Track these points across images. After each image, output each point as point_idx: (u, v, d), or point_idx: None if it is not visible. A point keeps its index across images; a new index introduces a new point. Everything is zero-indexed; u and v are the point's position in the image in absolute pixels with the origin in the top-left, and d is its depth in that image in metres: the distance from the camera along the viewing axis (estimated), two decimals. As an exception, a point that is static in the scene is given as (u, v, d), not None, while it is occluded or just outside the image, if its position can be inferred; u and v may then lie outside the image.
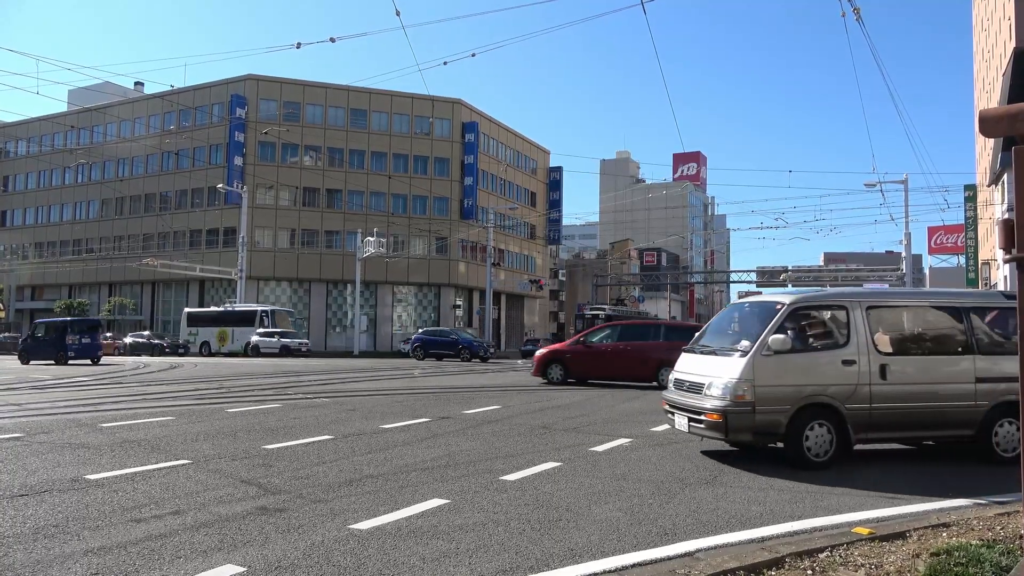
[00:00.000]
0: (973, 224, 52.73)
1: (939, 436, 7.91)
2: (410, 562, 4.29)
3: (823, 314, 7.90)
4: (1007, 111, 2.87)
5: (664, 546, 4.63)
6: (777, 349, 7.20)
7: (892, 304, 8.19)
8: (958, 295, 8.56)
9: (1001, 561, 4.02)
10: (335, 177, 54.43)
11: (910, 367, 7.69)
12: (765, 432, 7.26)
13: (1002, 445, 7.78)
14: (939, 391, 7.66)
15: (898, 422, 7.55)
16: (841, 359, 7.43)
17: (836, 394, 7.34)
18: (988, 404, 7.69)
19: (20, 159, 66.14)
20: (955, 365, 7.80)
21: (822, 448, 7.28)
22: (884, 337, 7.74)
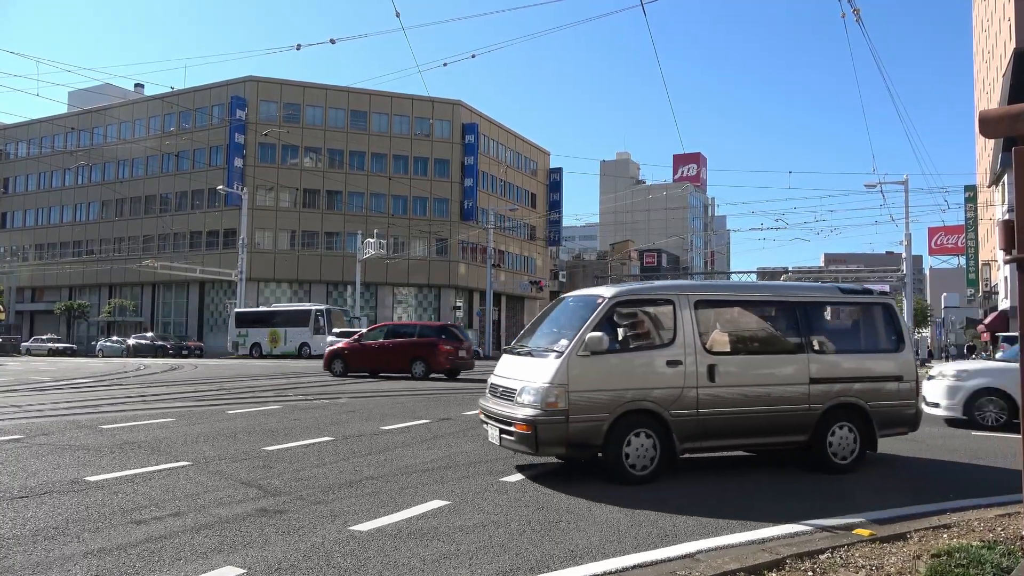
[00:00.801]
0: (973, 225, 52.76)
1: (772, 443, 7.27)
2: (410, 564, 4.28)
3: (648, 309, 7.16)
4: (1007, 112, 2.87)
5: (665, 547, 4.63)
6: (594, 349, 6.43)
7: (722, 299, 7.55)
8: (792, 289, 7.81)
9: (1002, 562, 4.01)
10: (335, 178, 54.44)
11: (741, 368, 7.05)
12: (581, 444, 6.43)
13: (837, 452, 7.22)
14: (771, 394, 7.05)
15: (728, 428, 6.90)
16: (666, 360, 6.71)
17: (660, 399, 6.61)
18: (822, 407, 7.16)
19: (20, 161, 66.14)
20: (788, 365, 7.22)
21: (644, 460, 6.51)
22: (713, 335, 7.15)
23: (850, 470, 7.18)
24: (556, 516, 5.41)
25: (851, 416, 7.28)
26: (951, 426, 11.42)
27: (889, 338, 7.81)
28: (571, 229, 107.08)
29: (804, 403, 7.12)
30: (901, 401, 7.58)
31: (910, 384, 7.66)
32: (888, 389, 7.52)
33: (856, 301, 7.88)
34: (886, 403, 7.46)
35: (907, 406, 7.65)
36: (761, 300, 7.67)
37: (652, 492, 6.29)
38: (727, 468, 7.55)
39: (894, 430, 7.64)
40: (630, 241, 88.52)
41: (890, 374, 7.58)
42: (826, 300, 7.79)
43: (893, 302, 8.07)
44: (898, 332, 7.81)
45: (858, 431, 7.29)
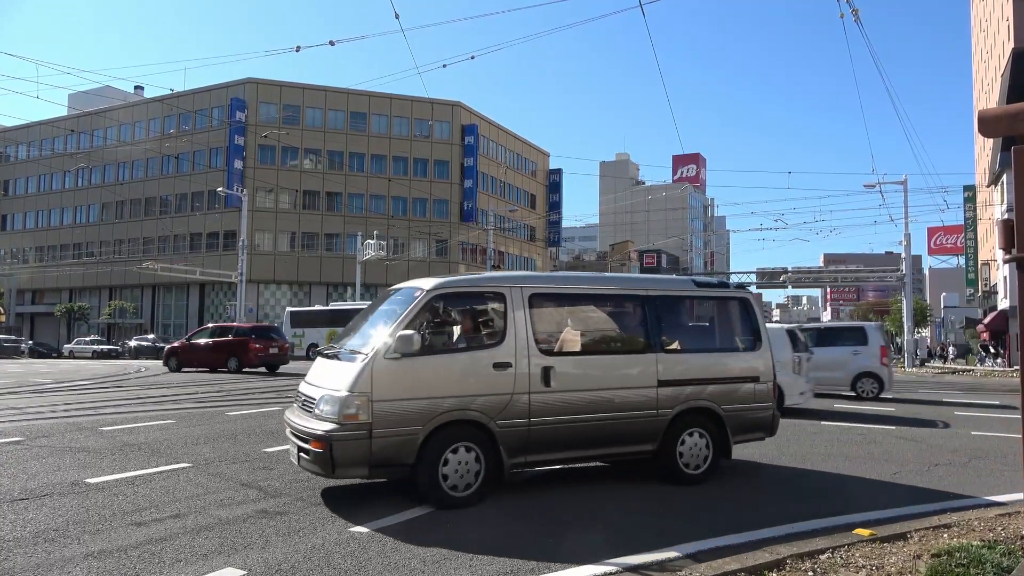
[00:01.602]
0: (972, 225, 52.78)
1: (615, 454, 6.54)
2: (411, 564, 4.28)
3: (474, 304, 6.36)
4: (1006, 111, 2.88)
5: (665, 548, 4.63)
6: (405, 350, 5.51)
7: (562, 292, 6.78)
8: (640, 282, 7.11)
9: (1002, 562, 4.01)
10: (335, 180, 54.45)
11: (581, 370, 6.30)
12: (387, 463, 5.45)
13: (688, 461, 6.62)
14: (615, 398, 6.33)
15: (565, 439, 6.11)
16: (493, 362, 5.86)
17: (485, 407, 5.75)
18: (672, 412, 6.54)
19: (20, 163, 66.14)
20: (634, 366, 6.52)
21: (466, 478, 5.66)
22: (550, 333, 6.45)
23: (701, 481, 6.59)
24: (558, 516, 5.40)
25: (703, 421, 6.72)
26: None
27: (746, 335, 7.28)
28: (571, 230, 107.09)
29: (652, 408, 6.46)
30: (758, 404, 7.04)
31: (767, 385, 7.13)
32: (744, 391, 6.97)
33: (711, 295, 7.32)
34: (742, 406, 6.92)
35: (764, 409, 7.10)
36: (605, 294, 6.96)
37: (654, 494, 6.27)
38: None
39: (750, 435, 7.12)
40: (630, 242, 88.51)
41: (746, 375, 7.03)
42: (678, 294, 7.17)
43: (751, 296, 7.49)
44: (755, 329, 7.26)
45: (711, 438, 6.73)
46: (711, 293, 7.30)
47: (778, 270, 55.06)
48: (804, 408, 13.02)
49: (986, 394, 18.43)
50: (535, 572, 4.17)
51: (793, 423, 11.31)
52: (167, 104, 52.96)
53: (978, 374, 31.44)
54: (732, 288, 7.50)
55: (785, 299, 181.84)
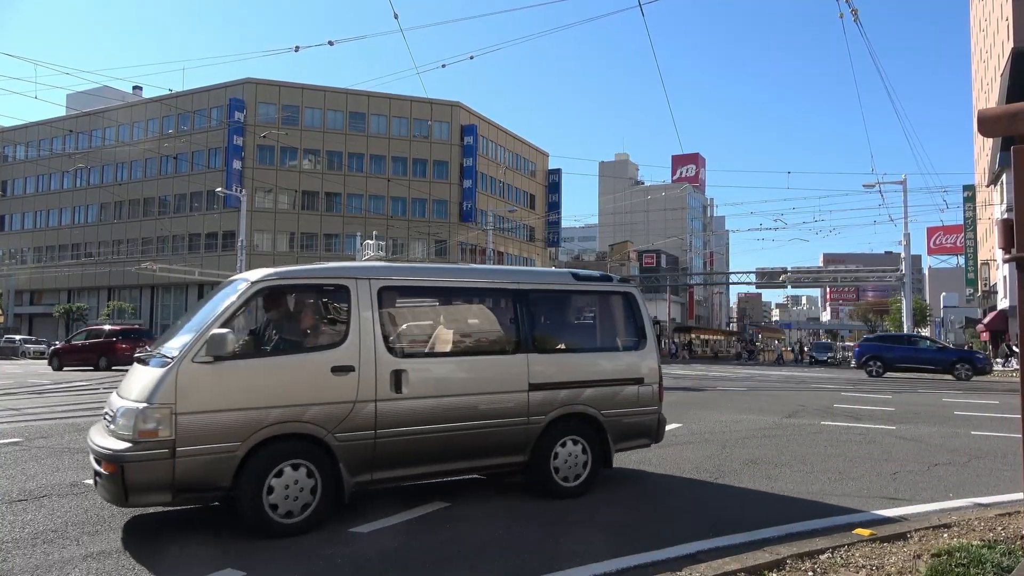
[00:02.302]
0: (972, 224, 52.81)
1: (481, 467, 5.86)
2: (411, 565, 4.28)
3: (311, 298, 5.59)
4: (1006, 111, 2.87)
5: (666, 548, 4.62)
6: (219, 353, 4.69)
7: (418, 285, 6.01)
8: (511, 274, 6.36)
9: (1002, 562, 4.01)
10: (334, 180, 54.44)
11: (439, 373, 5.59)
12: (197, 486, 4.62)
13: (563, 472, 5.99)
14: (480, 405, 5.63)
15: (421, 452, 5.39)
16: (332, 365, 5.10)
17: (321, 418, 4.98)
18: (545, 419, 5.90)
19: (19, 163, 66.11)
20: (503, 368, 5.84)
21: (298, 502, 4.85)
22: (403, 331, 5.81)
23: (579, 494, 6.00)
24: (559, 517, 5.40)
25: (581, 428, 6.13)
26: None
27: (630, 334, 6.75)
28: (570, 230, 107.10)
29: (522, 415, 5.81)
30: (641, 408, 6.51)
31: (652, 388, 6.61)
32: (626, 394, 6.42)
33: (592, 290, 6.69)
34: (624, 411, 6.38)
35: (648, 414, 6.58)
36: (470, 287, 6.25)
37: (655, 493, 6.26)
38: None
39: (633, 443, 6.59)
40: (629, 242, 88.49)
41: (629, 376, 6.48)
42: (554, 288, 6.52)
43: (636, 291, 6.92)
44: (640, 326, 6.73)
45: (590, 446, 6.14)
46: (592, 287, 6.68)
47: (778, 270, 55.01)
48: (805, 409, 13.02)
49: (985, 394, 18.45)
50: (536, 573, 4.17)
51: (793, 423, 11.32)
52: (166, 104, 52.95)
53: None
54: (615, 282, 6.87)
55: (785, 299, 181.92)
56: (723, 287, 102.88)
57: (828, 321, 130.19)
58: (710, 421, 11.39)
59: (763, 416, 12.22)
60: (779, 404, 14.56)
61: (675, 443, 9.06)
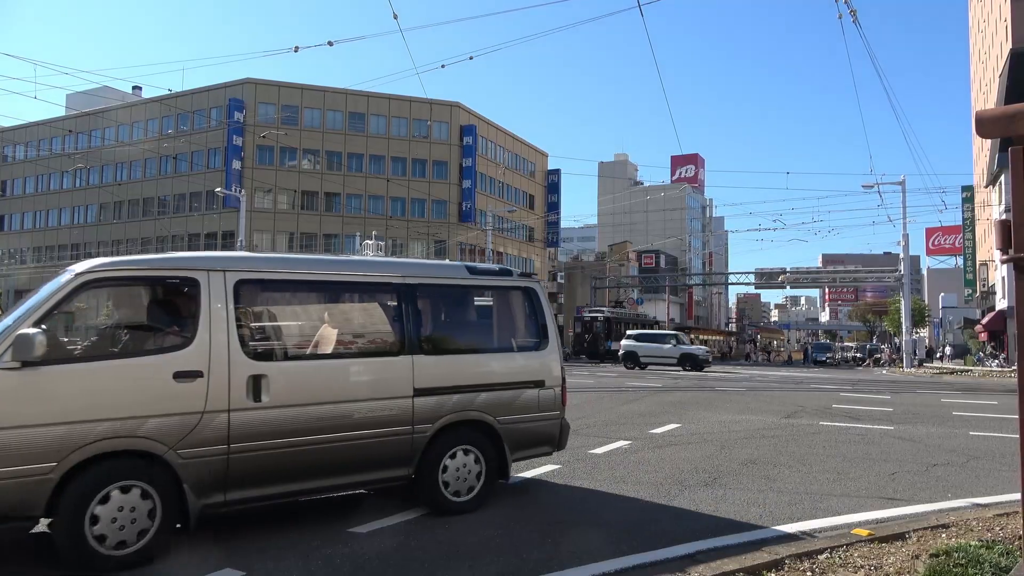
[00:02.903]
0: (971, 225, 52.85)
1: (358, 483, 5.25)
2: (410, 566, 4.28)
3: (151, 293, 4.88)
4: (1004, 112, 2.88)
5: (664, 548, 4.63)
6: (27, 357, 3.99)
7: (284, 278, 5.22)
8: (396, 267, 5.71)
9: (1000, 562, 4.02)
10: (333, 180, 54.44)
11: (306, 378, 4.93)
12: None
13: (454, 486, 5.43)
14: (355, 414, 5.04)
15: (284, 469, 4.77)
16: (174, 370, 4.45)
17: (160, 432, 4.33)
18: (432, 428, 5.36)
19: (18, 163, 66.09)
20: (382, 372, 5.27)
21: (130, 531, 4.20)
22: (264, 331, 5.20)
23: (471, 509, 5.46)
24: (556, 517, 5.42)
25: (474, 437, 5.62)
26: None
27: (530, 332, 6.25)
28: (569, 230, 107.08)
29: (406, 423, 5.25)
30: (542, 414, 6.03)
31: (554, 391, 6.12)
32: (525, 399, 5.93)
33: (488, 284, 6.13)
34: (523, 417, 5.89)
35: (549, 419, 6.10)
36: (348, 281, 5.56)
37: (652, 494, 6.27)
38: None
39: (533, 451, 6.13)
40: (628, 242, 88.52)
41: (529, 379, 5.99)
42: (445, 282, 5.92)
43: (538, 286, 6.42)
44: (541, 324, 6.23)
45: (483, 456, 5.61)
46: (488, 282, 6.13)
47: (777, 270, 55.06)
48: (804, 409, 13.04)
49: (984, 394, 18.47)
50: (535, 573, 4.17)
51: (792, 423, 11.34)
52: (165, 104, 52.93)
53: (976, 375, 31.48)
54: (516, 276, 6.29)
55: (784, 299, 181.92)
56: (722, 287, 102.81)
57: (827, 322, 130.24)
58: (709, 421, 11.40)
59: (762, 416, 12.23)
60: (778, 404, 14.58)
61: (674, 443, 9.07)
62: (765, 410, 13.33)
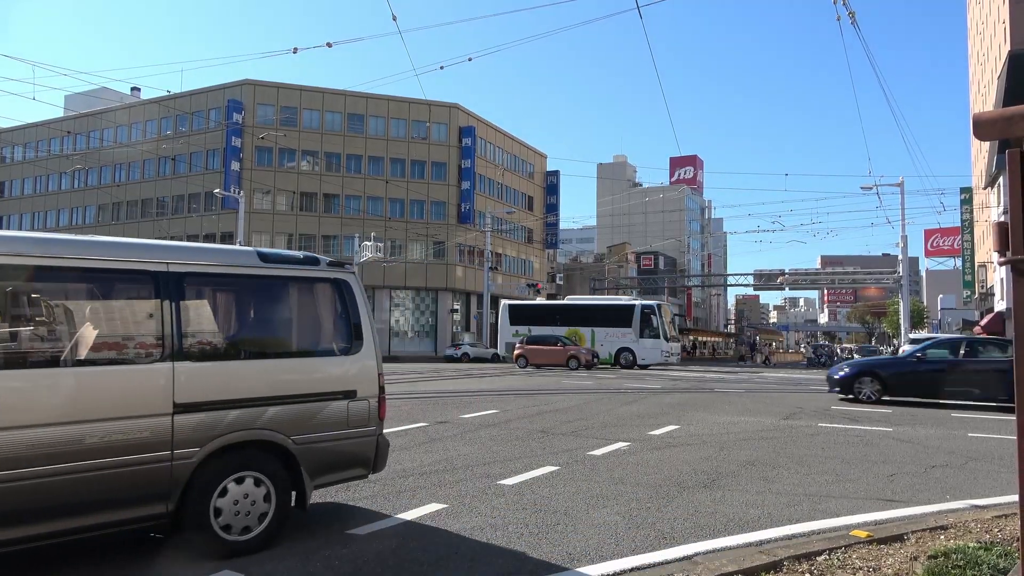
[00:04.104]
0: (969, 227, 52.89)
1: (95, 526, 4.03)
2: (408, 567, 4.28)
3: None
4: (1001, 114, 2.88)
5: (662, 550, 4.63)
6: None
7: (9, 262, 3.99)
8: (156, 251, 4.55)
9: (999, 563, 4.02)
10: (332, 182, 54.44)
11: (20, 393, 3.84)
12: None
13: (232, 522, 4.42)
14: (89, 438, 3.97)
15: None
16: None
17: None
18: (201, 452, 4.32)
19: (16, 164, 66.07)
20: (131, 383, 4.20)
21: None
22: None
23: (256, 549, 4.48)
24: (554, 519, 5.40)
25: (260, 461, 4.62)
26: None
27: (340, 333, 5.24)
28: (568, 232, 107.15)
29: (162, 448, 4.20)
30: (353, 430, 5.06)
31: (368, 402, 5.17)
32: (331, 413, 4.96)
33: (284, 275, 5.04)
34: (326, 435, 4.91)
35: (362, 436, 5.12)
36: (87, 267, 4.29)
37: (651, 495, 6.27)
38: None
39: (342, 474, 5.12)
40: (627, 244, 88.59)
41: (335, 389, 5.02)
42: (225, 272, 4.81)
43: (353, 277, 5.39)
44: (355, 324, 5.23)
45: (273, 484, 4.63)
46: (285, 272, 5.06)
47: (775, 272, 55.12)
48: (802, 411, 13.04)
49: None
50: (535, 573, 4.17)
51: (791, 425, 11.34)
52: (164, 106, 52.94)
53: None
54: (323, 266, 5.24)
55: (783, 301, 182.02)
56: (721, 289, 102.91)
57: (826, 323, 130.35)
58: (708, 423, 11.41)
59: (761, 418, 12.24)
60: (777, 406, 14.58)
61: (673, 445, 9.08)
62: (764, 412, 13.33)
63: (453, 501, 5.88)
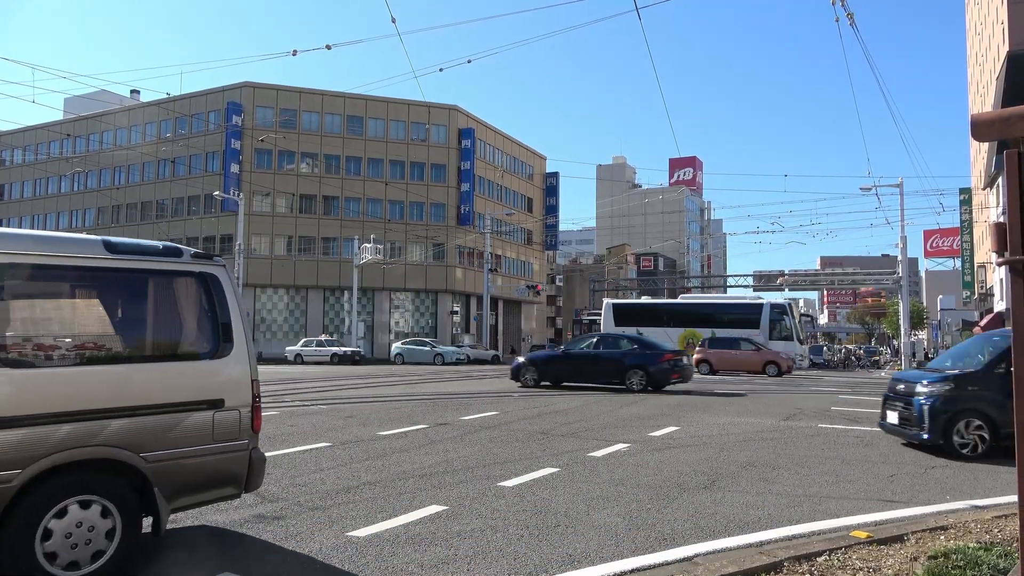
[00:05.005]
0: (969, 227, 52.94)
1: None
2: (408, 569, 4.28)
3: None
4: (999, 115, 2.89)
5: (662, 551, 4.64)
6: None
7: None
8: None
9: (999, 564, 4.02)
10: (332, 184, 54.45)
11: None
12: None
13: (66, 556, 3.78)
14: None
15: None
16: None
17: None
18: (23, 474, 3.68)
19: (16, 167, 66.10)
20: None
21: None
22: None
23: None
24: (554, 520, 5.40)
25: (101, 483, 3.99)
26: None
27: (204, 334, 4.61)
28: (568, 233, 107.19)
29: None
30: (219, 444, 4.45)
31: (238, 413, 4.55)
32: (191, 425, 4.32)
33: (136, 267, 4.38)
34: (184, 451, 4.28)
35: (230, 451, 4.51)
36: None
37: (651, 497, 6.27)
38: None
39: (205, 495, 4.49)
40: (627, 245, 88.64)
41: (198, 398, 4.39)
42: (58, 263, 4.12)
43: (223, 271, 4.74)
44: (223, 323, 4.61)
45: (118, 509, 4.00)
46: (137, 264, 4.39)
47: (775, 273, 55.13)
48: (802, 412, 13.06)
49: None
50: (535, 575, 4.18)
51: (791, 426, 11.34)
52: (163, 108, 52.96)
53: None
54: (185, 257, 4.59)
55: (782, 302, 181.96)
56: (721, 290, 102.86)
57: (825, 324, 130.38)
58: (708, 424, 11.41)
59: (761, 419, 12.24)
60: (776, 407, 14.58)
61: (673, 446, 9.08)
62: (764, 412, 13.33)
63: (453, 503, 5.88)
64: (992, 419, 8.46)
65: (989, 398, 8.55)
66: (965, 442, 8.52)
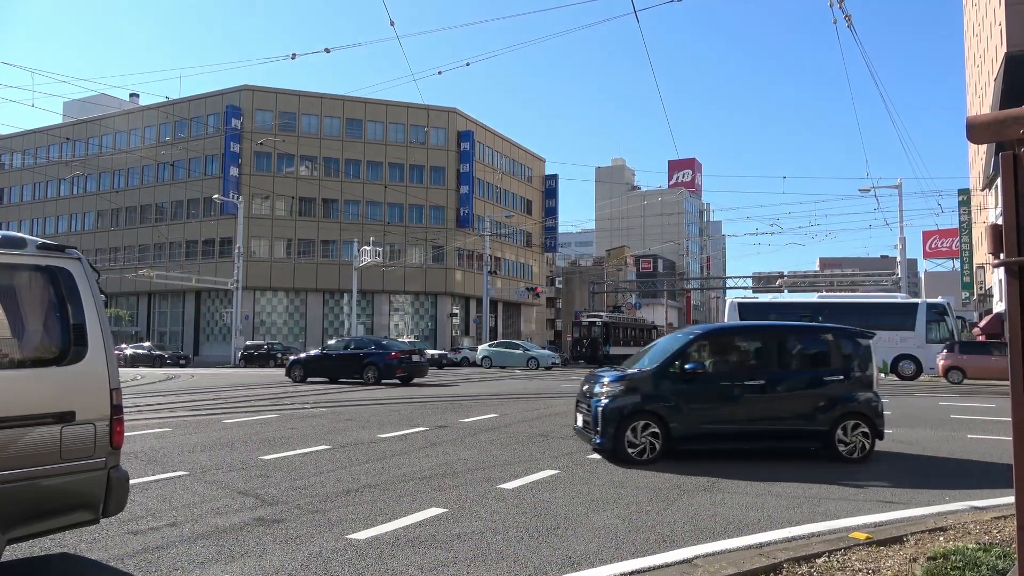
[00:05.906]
0: (967, 228, 52.98)
1: None
2: (408, 571, 4.29)
3: None
4: (994, 117, 2.91)
5: (662, 553, 4.64)
6: None
7: None
8: None
9: (998, 564, 4.03)
10: (331, 187, 54.47)
11: None
12: None
13: None
14: None
15: None
16: None
17: None
18: None
19: (15, 171, 66.10)
20: None
21: None
22: None
23: None
24: (554, 523, 5.41)
25: None
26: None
27: (51, 336, 4.03)
28: (567, 235, 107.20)
29: None
30: (69, 464, 3.86)
31: (93, 427, 4.00)
32: (33, 441, 3.73)
33: None
34: (24, 471, 3.68)
35: (83, 471, 3.94)
36: None
37: (651, 498, 6.27)
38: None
39: (53, 522, 3.88)
40: (626, 247, 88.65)
41: (42, 411, 3.78)
42: None
43: (77, 265, 4.10)
44: (76, 324, 4.02)
45: None
46: None
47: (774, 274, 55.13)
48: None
49: (982, 397, 18.49)
50: None
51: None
52: (163, 111, 52.98)
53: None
54: (30, 248, 3.96)
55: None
56: (720, 292, 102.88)
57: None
58: (707, 426, 11.40)
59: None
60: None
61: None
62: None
63: (453, 505, 5.88)
64: (664, 420, 8.03)
65: (663, 398, 8.11)
66: (637, 446, 7.94)
